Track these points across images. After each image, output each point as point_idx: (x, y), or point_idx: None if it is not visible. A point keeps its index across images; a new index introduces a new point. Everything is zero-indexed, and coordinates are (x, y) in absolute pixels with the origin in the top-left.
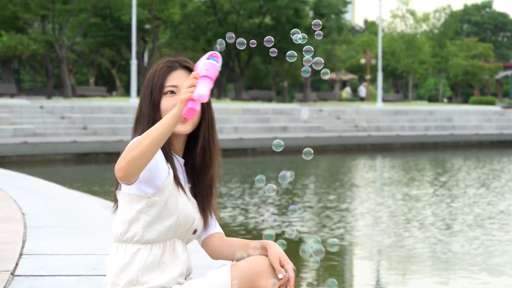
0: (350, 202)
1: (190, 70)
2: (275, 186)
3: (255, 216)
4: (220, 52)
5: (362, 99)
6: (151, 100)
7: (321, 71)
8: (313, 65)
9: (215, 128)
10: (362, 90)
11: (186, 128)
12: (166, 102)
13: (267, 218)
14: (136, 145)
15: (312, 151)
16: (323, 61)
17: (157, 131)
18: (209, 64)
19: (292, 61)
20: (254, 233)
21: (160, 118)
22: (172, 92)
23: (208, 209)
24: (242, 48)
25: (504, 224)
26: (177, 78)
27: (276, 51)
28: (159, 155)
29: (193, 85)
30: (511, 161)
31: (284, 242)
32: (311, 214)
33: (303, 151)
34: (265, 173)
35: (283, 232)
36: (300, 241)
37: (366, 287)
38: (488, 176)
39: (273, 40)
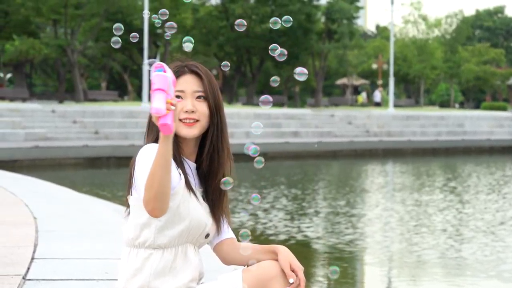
0: (361, 208)
1: (198, 75)
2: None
3: (264, 221)
4: (231, 57)
5: (377, 104)
6: None
7: (256, 160)
8: (252, 131)
9: (226, 133)
10: (377, 95)
11: (192, 132)
12: None
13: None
14: (151, 182)
15: (263, 160)
16: (261, 126)
17: (159, 161)
18: (155, 77)
19: (275, 85)
20: (262, 239)
21: None
22: (179, 97)
23: (219, 214)
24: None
25: None
26: (184, 83)
27: (228, 65)
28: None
29: None
30: None
31: (248, 232)
32: (321, 220)
33: (255, 160)
34: (275, 178)
35: (290, 237)
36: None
37: None
38: (499, 182)
39: (245, 24)
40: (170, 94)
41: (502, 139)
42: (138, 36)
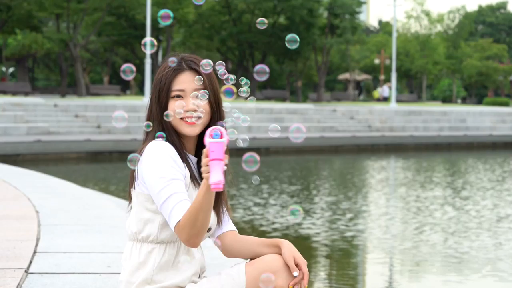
0: (362, 203)
1: (197, 72)
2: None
3: (264, 216)
4: (234, 52)
5: (385, 99)
6: (159, 103)
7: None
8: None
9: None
10: (386, 90)
11: (195, 131)
12: (172, 105)
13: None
14: (193, 221)
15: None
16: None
17: (204, 207)
18: (213, 145)
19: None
20: (256, 234)
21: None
22: (179, 96)
23: (220, 207)
24: None
25: None
26: (184, 81)
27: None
28: (178, 158)
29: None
30: None
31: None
32: (322, 215)
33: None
34: (278, 173)
35: (287, 228)
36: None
37: None
38: (498, 178)
39: (170, 16)
40: (224, 156)
41: (505, 135)
42: None
